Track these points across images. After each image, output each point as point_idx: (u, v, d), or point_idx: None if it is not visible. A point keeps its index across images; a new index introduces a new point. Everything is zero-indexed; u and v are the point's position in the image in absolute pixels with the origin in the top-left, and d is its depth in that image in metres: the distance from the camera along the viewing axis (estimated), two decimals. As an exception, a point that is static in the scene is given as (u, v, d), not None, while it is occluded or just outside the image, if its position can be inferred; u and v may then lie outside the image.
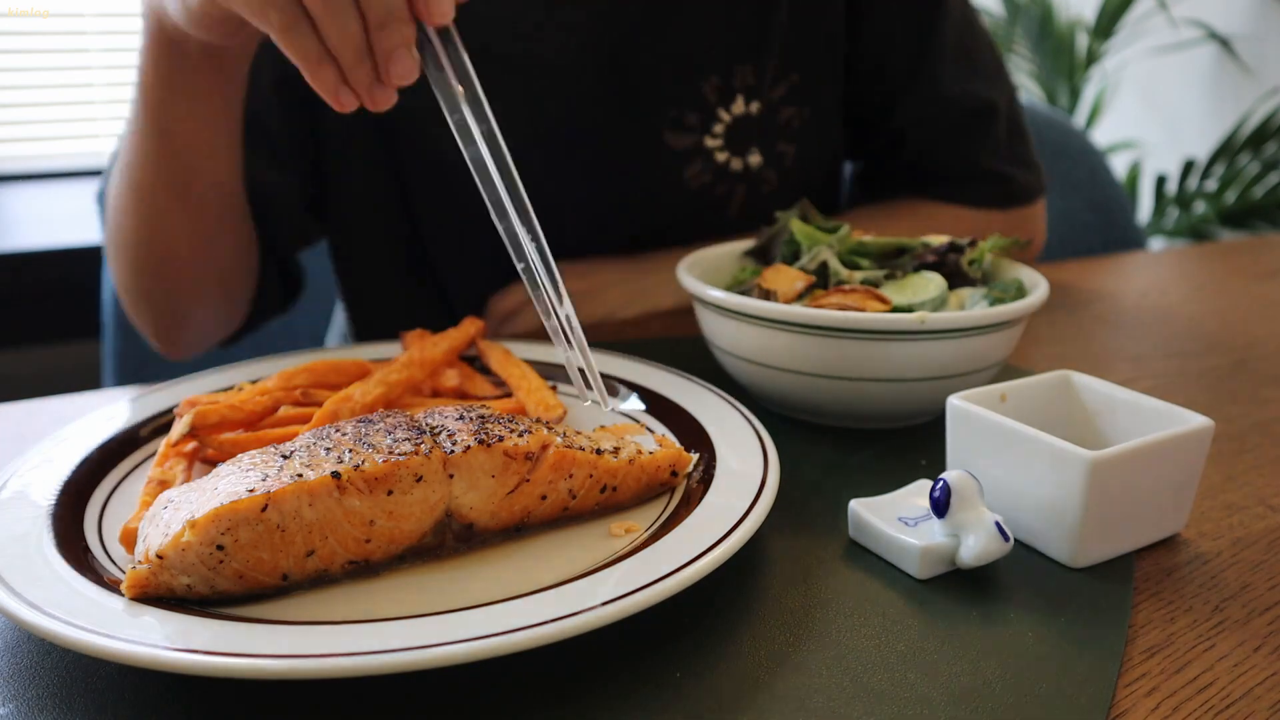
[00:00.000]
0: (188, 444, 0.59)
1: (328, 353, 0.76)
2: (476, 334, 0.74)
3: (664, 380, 0.70)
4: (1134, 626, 0.49)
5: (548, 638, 0.41)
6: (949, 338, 0.64)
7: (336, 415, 0.61)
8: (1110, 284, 1.20)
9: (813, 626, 0.48)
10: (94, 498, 0.56)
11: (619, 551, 0.50)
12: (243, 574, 0.45)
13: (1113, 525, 0.52)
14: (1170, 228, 2.98)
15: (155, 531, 0.46)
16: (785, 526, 0.57)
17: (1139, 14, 3.11)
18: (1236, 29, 2.95)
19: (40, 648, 0.46)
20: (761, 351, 0.68)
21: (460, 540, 0.51)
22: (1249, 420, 0.74)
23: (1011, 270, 0.77)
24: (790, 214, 0.82)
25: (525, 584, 0.46)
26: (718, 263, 0.81)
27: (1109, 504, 0.51)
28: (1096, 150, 1.67)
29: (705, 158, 1.00)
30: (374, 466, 0.47)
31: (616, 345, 0.82)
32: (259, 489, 0.46)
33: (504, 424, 0.53)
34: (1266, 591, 0.52)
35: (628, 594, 0.43)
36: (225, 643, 0.40)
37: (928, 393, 0.67)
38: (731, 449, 0.58)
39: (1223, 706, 0.43)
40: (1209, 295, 1.14)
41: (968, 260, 0.74)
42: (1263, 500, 0.62)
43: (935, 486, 0.52)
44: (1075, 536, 0.51)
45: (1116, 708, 0.43)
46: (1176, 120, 3.19)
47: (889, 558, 0.53)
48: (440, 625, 0.42)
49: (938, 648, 0.46)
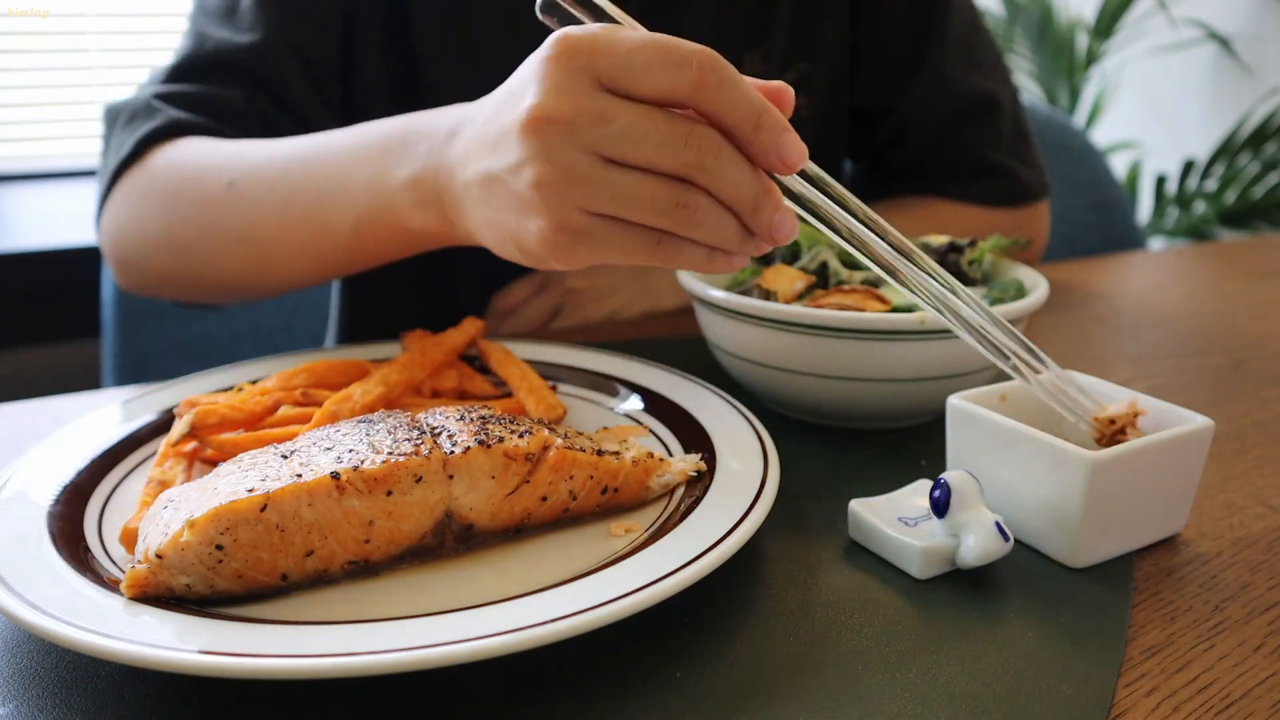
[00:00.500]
0: (188, 444, 0.59)
1: (327, 353, 0.76)
2: (476, 334, 0.74)
3: (664, 380, 0.70)
4: (1134, 626, 0.49)
5: (548, 638, 0.41)
6: (949, 338, 0.64)
7: (336, 415, 0.61)
8: (1110, 284, 1.20)
9: (813, 626, 0.48)
10: (94, 498, 0.56)
11: (619, 551, 0.50)
12: (242, 574, 0.45)
13: (1113, 525, 0.52)
14: (1170, 228, 2.98)
15: (155, 531, 0.46)
16: (785, 526, 0.57)
17: (1139, 14, 3.11)
18: (1236, 29, 2.95)
19: (40, 648, 0.46)
20: (761, 351, 0.68)
21: (460, 541, 0.51)
22: (1249, 420, 0.74)
23: (1011, 270, 0.77)
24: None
25: (525, 584, 0.46)
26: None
27: (1109, 504, 0.51)
28: (1096, 150, 1.68)
29: None
30: (373, 467, 0.47)
31: (617, 345, 0.82)
32: (258, 489, 0.46)
33: (504, 425, 0.53)
34: (1266, 591, 0.52)
35: (628, 594, 0.43)
36: (225, 643, 0.40)
37: (928, 393, 0.67)
38: (731, 449, 0.58)
39: (1223, 706, 0.43)
40: (1209, 295, 1.14)
41: (968, 260, 0.74)
42: (1263, 500, 0.62)
43: (935, 486, 0.52)
44: (1075, 536, 0.51)
45: (1116, 708, 0.43)
46: (1176, 120, 3.19)
47: (889, 558, 0.53)
48: (440, 625, 0.42)
49: (938, 648, 0.46)
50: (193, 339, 1.31)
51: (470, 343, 0.73)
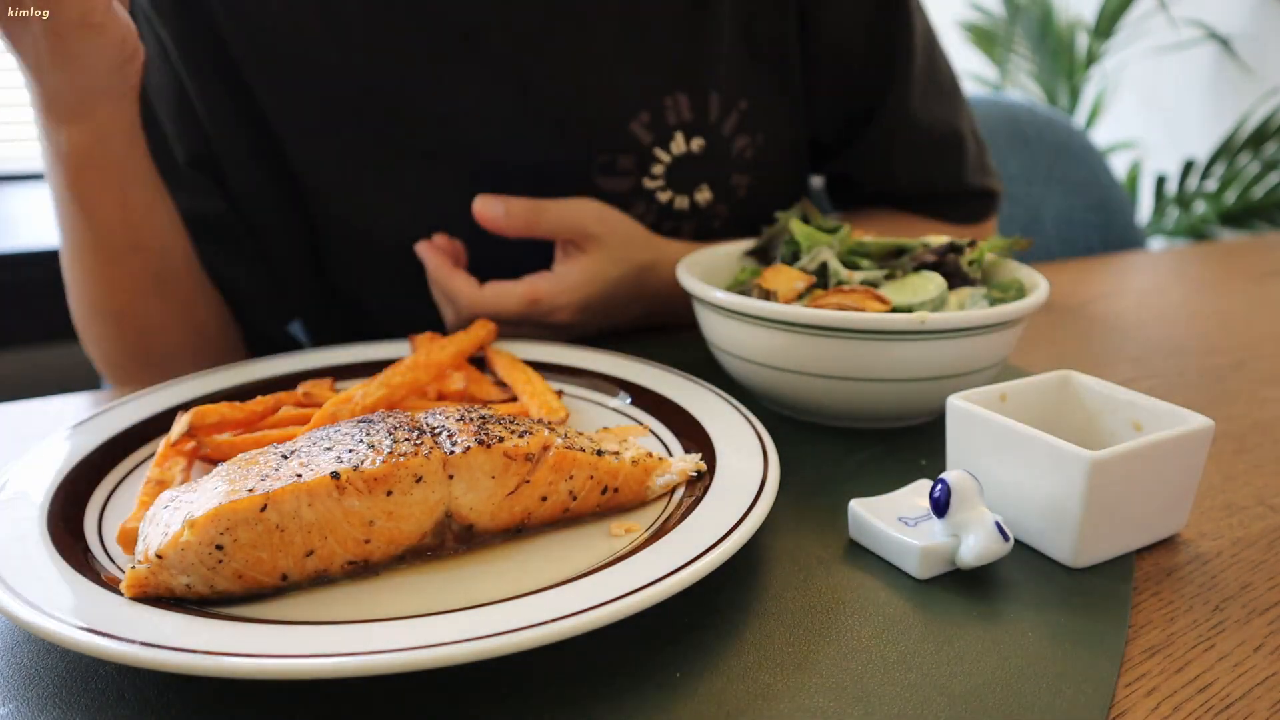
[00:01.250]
0: (187, 444, 0.59)
1: (329, 353, 0.76)
2: (488, 338, 0.74)
3: (664, 380, 0.70)
4: (1134, 626, 0.49)
5: (548, 637, 0.41)
6: (949, 338, 0.64)
7: (336, 416, 0.61)
8: (1110, 284, 1.20)
9: (813, 626, 0.48)
10: (94, 498, 0.56)
11: (619, 551, 0.50)
12: (242, 574, 0.45)
13: (1113, 525, 0.52)
14: (1170, 228, 2.98)
15: (155, 531, 0.46)
16: (785, 526, 0.57)
17: (1139, 14, 3.11)
18: (1236, 29, 2.95)
19: (40, 648, 0.46)
20: (761, 351, 0.68)
21: (460, 541, 0.51)
22: (1249, 420, 0.74)
23: (1012, 270, 0.77)
24: (790, 214, 0.82)
25: (525, 584, 0.46)
26: (717, 263, 0.81)
27: (1109, 504, 0.51)
28: (1096, 150, 1.67)
29: (647, 198, 0.94)
30: (373, 467, 0.47)
31: (617, 345, 0.82)
32: (258, 489, 0.46)
33: (504, 425, 0.53)
34: (1266, 591, 0.52)
35: (628, 594, 0.43)
36: (225, 643, 0.40)
37: (928, 393, 0.67)
38: (731, 449, 0.58)
39: (1222, 707, 0.43)
40: (1209, 295, 1.14)
41: (968, 260, 0.74)
42: (1263, 500, 0.62)
43: (935, 486, 0.52)
44: (1076, 536, 0.51)
45: (1116, 708, 0.43)
46: (1176, 120, 3.19)
47: (889, 558, 0.53)
48: (440, 625, 0.42)
49: (938, 648, 0.46)
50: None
51: (480, 347, 0.73)
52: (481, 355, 0.75)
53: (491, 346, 0.75)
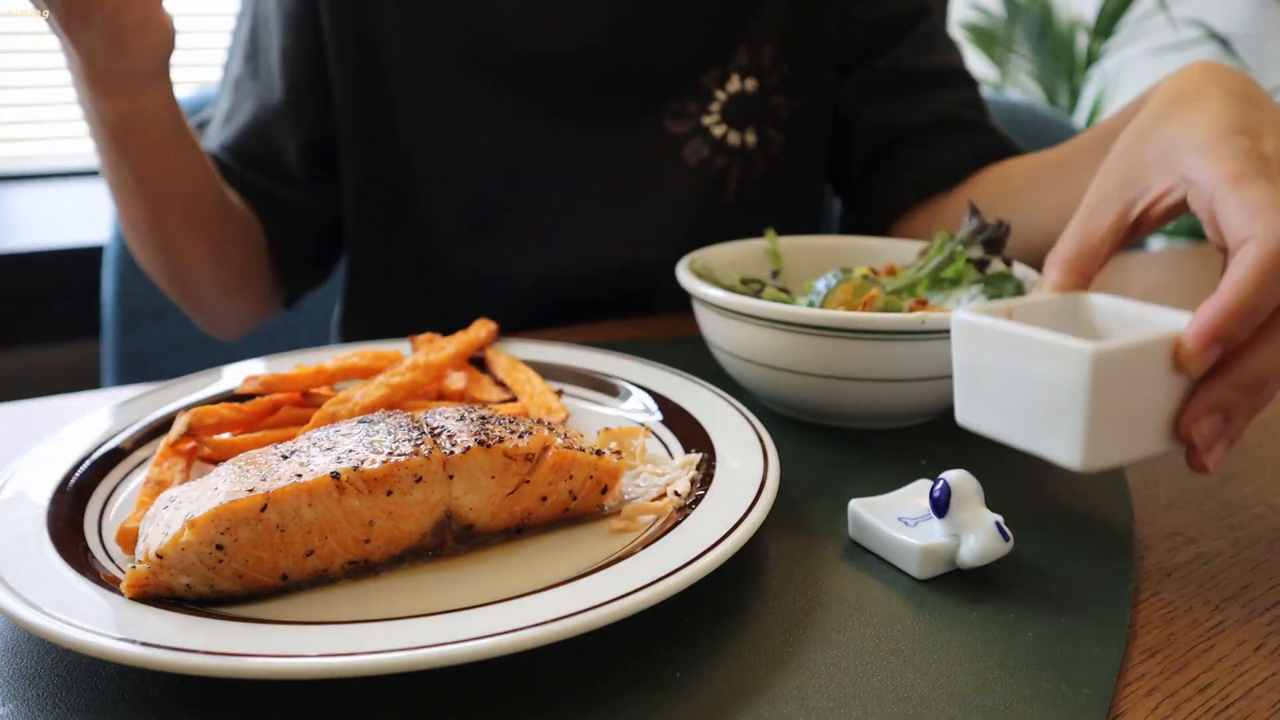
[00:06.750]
0: (186, 444, 0.59)
1: (327, 352, 0.76)
2: (490, 338, 0.74)
3: (664, 380, 0.70)
4: (1134, 626, 0.49)
5: (548, 637, 0.41)
6: (949, 338, 0.64)
7: (336, 416, 0.61)
8: (1110, 284, 1.20)
9: (813, 626, 0.48)
10: (94, 498, 0.56)
11: (619, 551, 0.50)
12: (242, 574, 0.45)
13: (1115, 424, 0.50)
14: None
15: (155, 531, 0.46)
16: (785, 526, 0.57)
17: (1139, 14, 3.11)
18: (1236, 29, 2.95)
19: (40, 648, 0.46)
20: (761, 351, 0.68)
21: (460, 541, 0.51)
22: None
23: (1010, 270, 0.76)
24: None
25: (525, 584, 0.46)
26: (718, 262, 0.81)
27: (1111, 400, 0.49)
28: (1096, 150, 1.67)
29: (703, 134, 1.03)
30: (373, 467, 0.47)
31: (617, 345, 0.82)
32: (258, 489, 0.46)
33: (504, 425, 0.53)
34: (1266, 591, 0.52)
35: (628, 594, 0.43)
36: (225, 643, 0.40)
37: (928, 393, 0.67)
38: (731, 449, 0.58)
39: (1223, 707, 0.43)
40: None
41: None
42: (1263, 500, 0.62)
43: (935, 486, 0.52)
44: (1080, 435, 0.49)
45: (1116, 708, 0.43)
46: (1176, 120, 3.18)
47: (889, 558, 0.53)
48: (440, 625, 0.42)
49: (938, 648, 0.46)
50: (193, 339, 1.31)
51: (481, 346, 0.73)
52: (481, 355, 0.75)
53: (491, 347, 0.75)
